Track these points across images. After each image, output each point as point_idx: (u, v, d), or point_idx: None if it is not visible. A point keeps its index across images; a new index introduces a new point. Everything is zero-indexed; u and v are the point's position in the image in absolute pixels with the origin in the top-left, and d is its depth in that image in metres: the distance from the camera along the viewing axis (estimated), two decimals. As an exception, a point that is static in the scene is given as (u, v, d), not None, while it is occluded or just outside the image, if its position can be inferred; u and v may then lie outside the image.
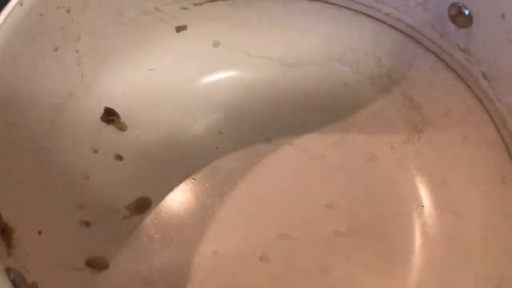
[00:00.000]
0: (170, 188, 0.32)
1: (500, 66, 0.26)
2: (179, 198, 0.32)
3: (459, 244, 0.29)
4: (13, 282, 0.18)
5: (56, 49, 0.26)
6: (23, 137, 0.25)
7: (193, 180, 0.32)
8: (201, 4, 0.32)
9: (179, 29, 0.33)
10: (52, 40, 0.25)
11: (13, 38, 0.22)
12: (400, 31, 0.32)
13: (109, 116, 0.32)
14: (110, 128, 0.32)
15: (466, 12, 0.26)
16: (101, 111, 0.31)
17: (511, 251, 0.26)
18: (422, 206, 0.31)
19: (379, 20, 0.32)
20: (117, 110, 0.32)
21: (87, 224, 0.29)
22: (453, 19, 0.27)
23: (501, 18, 0.24)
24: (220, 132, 0.34)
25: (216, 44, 0.34)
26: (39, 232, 0.26)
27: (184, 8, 0.32)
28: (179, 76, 0.34)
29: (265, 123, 0.35)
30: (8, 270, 0.18)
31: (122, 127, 0.32)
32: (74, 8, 0.26)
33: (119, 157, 0.32)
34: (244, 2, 0.33)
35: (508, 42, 0.25)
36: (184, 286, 0.29)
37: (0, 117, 0.22)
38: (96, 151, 0.31)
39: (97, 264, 0.29)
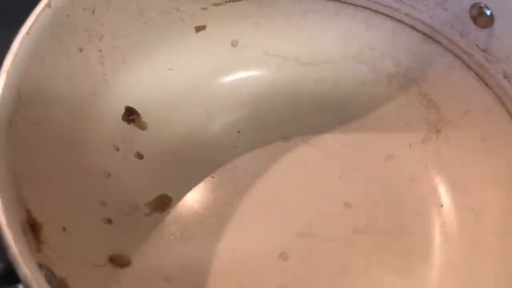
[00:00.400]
0: (189, 186, 0.32)
1: (521, 66, 0.26)
2: (198, 196, 0.32)
3: (479, 243, 0.29)
4: (45, 277, 0.18)
5: (81, 50, 0.26)
6: (48, 136, 0.25)
7: (212, 179, 0.33)
8: (221, 4, 0.32)
9: (198, 29, 0.33)
10: (78, 41, 0.26)
11: (42, 39, 0.22)
12: (419, 31, 0.32)
13: (130, 115, 0.32)
14: (131, 127, 0.32)
15: (488, 12, 0.26)
16: (122, 110, 0.32)
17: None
18: (441, 205, 0.31)
19: (397, 19, 0.32)
20: (138, 109, 0.32)
21: (109, 221, 0.30)
22: (474, 19, 0.27)
23: (523, 17, 0.25)
24: (239, 132, 0.34)
25: (234, 44, 0.35)
26: (64, 229, 0.26)
27: (203, 8, 0.32)
28: (197, 76, 0.35)
29: (283, 122, 0.35)
30: (39, 266, 0.19)
31: (142, 126, 0.33)
32: (99, 8, 0.26)
33: (140, 156, 0.32)
34: (261, 1, 0.34)
35: (530, 41, 0.25)
36: (204, 283, 0.29)
37: (28, 116, 0.23)
38: (117, 150, 0.31)
39: (119, 261, 0.29)
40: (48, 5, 0.22)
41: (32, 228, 0.21)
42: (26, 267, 0.17)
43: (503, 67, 0.27)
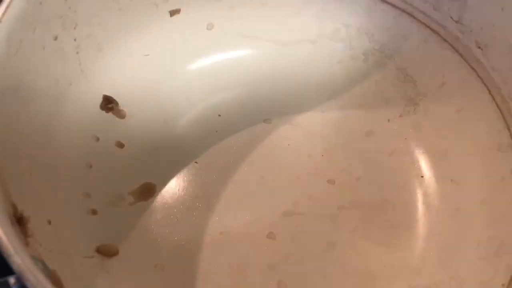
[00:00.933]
0: (173, 173, 0.32)
1: (494, 35, 0.27)
2: (182, 182, 0.32)
3: (460, 211, 0.30)
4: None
5: (55, 38, 0.26)
6: (28, 129, 0.25)
7: (196, 164, 0.33)
8: (194, -13, 0.32)
9: (173, 13, 0.33)
10: (52, 29, 0.25)
11: (15, 28, 0.22)
12: (393, 5, 0.32)
13: (108, 103, 0.32)
14: (110, 115, 0.32)
15: (459, -17, 0.27)
16: (100, 99, 0.31)
17: (509, 213, 0.27)
18: (422, 176, 0.32)
19: (371, -5, 0.32)
20: (116, 97, 0.32)
21: (94, 212, 0.29)
22: (446, -9, 0.28)
23: (494, -13, 0.25)
24: (219, 115, 0.34)
25: (210, 27, 0.35)
26: (49, 222, 0.26)
27: (177, -8, 0.32)
28: (174, 61, 0.34)
29: (263, 104, 0.35)
30: (31, 257, 0.18)
31: (121, 114, 0.32)
32: (71, -5, 0.26)
33: (121, 144, 0.32)
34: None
35: (501, 10, 0.26)
36: (194, 267, 0.29)
37: (7, 110, 0.22)
38: (97, 140, 0.31)
39: (107, 251, 0.29)
40: (20, -8, 0.21)
41: (18, 222, 0.21)
42: (18, 257, 0.16)
43: (476, 37, 0.28)
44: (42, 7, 0.23)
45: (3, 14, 0.20)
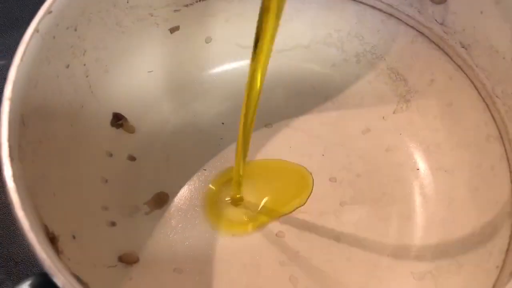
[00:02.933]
0: (184, 181, 0.34)
1: (475, 36, 0.29)
2: (193, 189, 0.34)
3: (454, 199, 0.31)
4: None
5: (67, 66, 0.27)
6: (48, 152, 0.27)
7: (204, 171, 0.35)
8: (191, 4, 0.34)
9: (173, 30, 0.35)
10: (64, 59, 0.27)
11: (34, 64, 0.23)
12: (380, 10, 0.34)
13: (118, 120, 0.34)
14: (120, 131, 0.34)
15: (441, -11, 0.29)
16: (110, 116, 0.33)
17: (500, 200, 0.29)
18: (418, 169, 0.33)
19: (360, 1, 0.34)
20: (124, 114, 0.34)
21: (113, 224, 0.31)
22: (429, -4, 0.30)
23: (473, -7, 0.27)
24: (223, 123, 0.36)
25: (208, 41, 0.36)
26: (73, 237, 0.27)
27: (176, 10, 0.34)
28: (177, 75, 0.36)
29: (263, 109, 0.36)
30: (71, 273, 0.20)
31: (130, 129, 0.34)
32: (80, 25, 0.27)
33: (132, 158, 0.34)
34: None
35: (480, 14, 0.27)
36: (211, 270, 0.31)
37: (31, 137, 0.24)
38: (110, 155, 0.33)
39: (128, 259, 0.31)
40: (36, 30, 0.23)
41: (51, 241, 0.23)
42: (61, 275, 0.18)
43: (459, 37, 0.30)
44: (55, 41, 0.25)
45: (23, 53, 0.22)
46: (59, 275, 0.18)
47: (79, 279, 0.22)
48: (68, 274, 0.19)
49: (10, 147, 0.21)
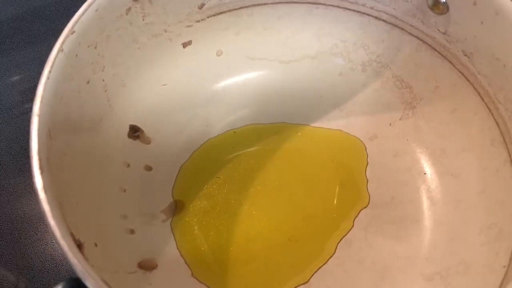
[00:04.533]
0: (199, 188, 0.35)
1: (477, 45, 0.30)
2: (208, 196, 0.35)
3: (461, 202, 0.32)
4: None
5: (88, 82, 0.29)
6: (71, 164, 0.28)
7: (218, 178, 0.36)
8: (203, 19, 0.35)
9: (185, 44, 0.36)
10: (85, 75, 0.28)
11: (59, 82, 0.25)
12: (385, 20, 0.35)
13: (135, 132, 0.35)
14: (137, 143, 0.35)
15: (443, 0, 0.30)
16: (127, 129, 0.35)
17: (506, 201, 0.30)
18: (425, 173, 0.35)
19: (364, 13, 0.35)
20: (141, 126, 0.35)
21: (132, 231, 0.33)
22: (431, 8, 0.31)
23: (473, 5, 0.28)
24: (234, 132, 0.37)
25: (219, 54, 0.38)
26: (95, 245, 0.29)
27: (188, 26, 0.35)
28: (190, 87, 0.38)
29: (273, 118, 0.38)
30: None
31: (147, 141, 0.36)
32: (100, 43, 0.29)
33: (149, 168, 0.35)
34: (239, 12, 0.36)
35: (481, 24, 0.29)
36: (226, 273, 0.32)
37: (57, 150, 0.25)
38: (128, 166, 0.34)
39: (147, 266, 0.32)
40: (61, 49, 0.25)
41: (78, 249, 0.24)
42: (93, 280, 0.20)
43: (461, 46, 0.31)
44: (78, 58, 0.26)
45: (50, 71, 0.24)
46: (90, 280, 0.20)
47: (106, 283, 0.23)
48: (99, 278, 0.21)
49: (40, 159, 0.22)
